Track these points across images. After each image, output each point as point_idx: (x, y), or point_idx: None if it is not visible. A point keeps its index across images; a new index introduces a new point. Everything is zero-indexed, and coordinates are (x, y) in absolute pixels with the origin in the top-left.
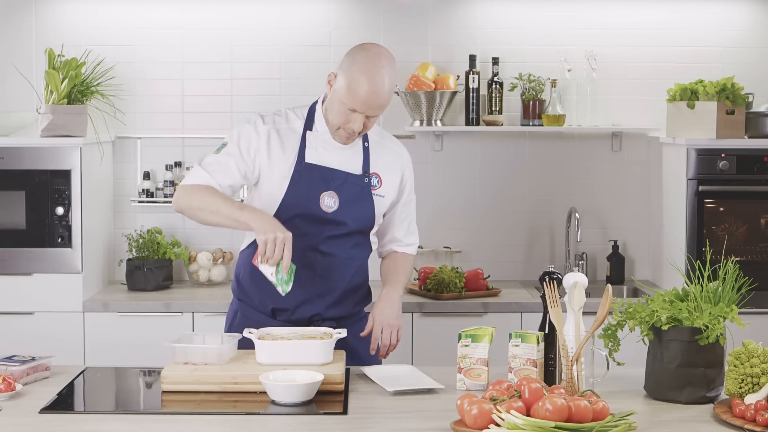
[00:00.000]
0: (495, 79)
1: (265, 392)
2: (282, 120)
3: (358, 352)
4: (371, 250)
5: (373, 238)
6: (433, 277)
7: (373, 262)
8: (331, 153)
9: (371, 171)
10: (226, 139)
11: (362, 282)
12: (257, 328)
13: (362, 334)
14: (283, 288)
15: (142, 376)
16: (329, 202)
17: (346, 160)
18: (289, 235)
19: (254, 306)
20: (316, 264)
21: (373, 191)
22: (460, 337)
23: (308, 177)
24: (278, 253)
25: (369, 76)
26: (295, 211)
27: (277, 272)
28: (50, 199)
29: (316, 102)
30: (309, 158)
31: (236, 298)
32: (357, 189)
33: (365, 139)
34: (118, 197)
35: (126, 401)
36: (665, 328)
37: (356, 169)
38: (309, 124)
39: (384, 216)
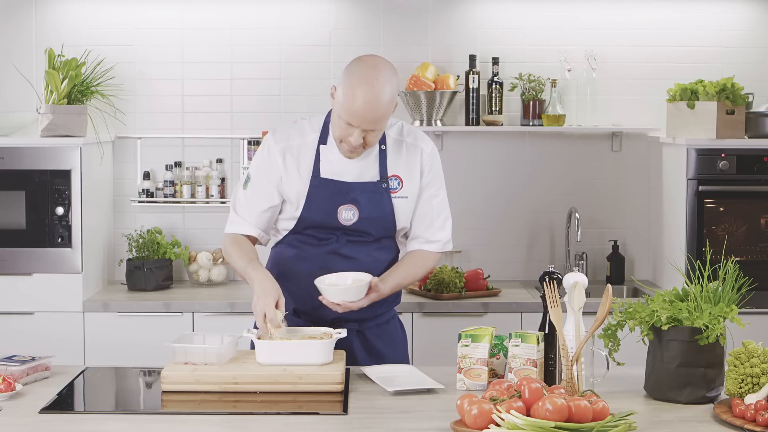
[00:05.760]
0: (495, 79)
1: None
2: (296, 135)
3: (381, 352)
4: (398, 251)
5: (402, 240)
6: (433, 277)
7: None
8: (347, 164)
9: (390, 174)
10: (249, 170)
11: None
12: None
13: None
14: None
15: (142, 376)
16: (347, 215)
17: (362, 169)
18: (276, 302)
19: None
20: (335, 267)
21: (393, 195)
22: (460, 337)
23: (324, 191)
24: (270, 323)
25: (363, 89)
26: (314, 225)
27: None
28: (50, 199)
29: (330, 112)
30: (324, 173)
31: None
32: (376, 197)
33: (382, 141)
34: (118, 197)
35: (126, 401)
36: (665, 328)
37: (373, 176)
38: (323, 137)
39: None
